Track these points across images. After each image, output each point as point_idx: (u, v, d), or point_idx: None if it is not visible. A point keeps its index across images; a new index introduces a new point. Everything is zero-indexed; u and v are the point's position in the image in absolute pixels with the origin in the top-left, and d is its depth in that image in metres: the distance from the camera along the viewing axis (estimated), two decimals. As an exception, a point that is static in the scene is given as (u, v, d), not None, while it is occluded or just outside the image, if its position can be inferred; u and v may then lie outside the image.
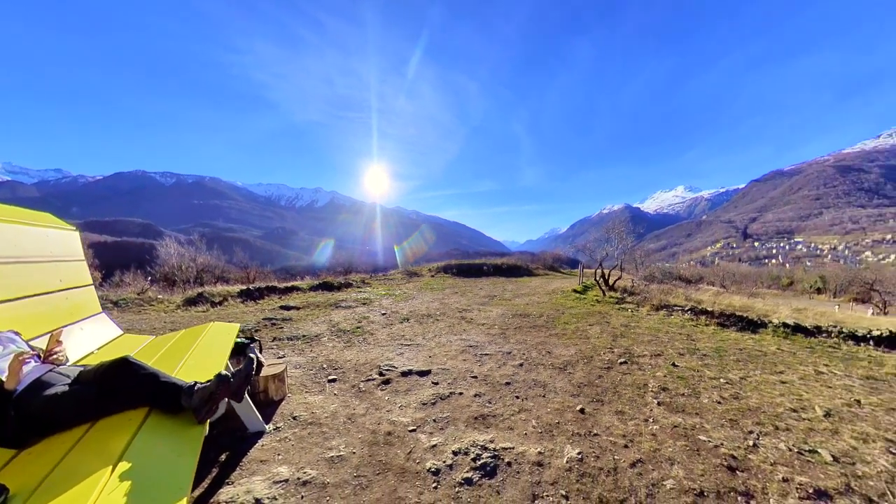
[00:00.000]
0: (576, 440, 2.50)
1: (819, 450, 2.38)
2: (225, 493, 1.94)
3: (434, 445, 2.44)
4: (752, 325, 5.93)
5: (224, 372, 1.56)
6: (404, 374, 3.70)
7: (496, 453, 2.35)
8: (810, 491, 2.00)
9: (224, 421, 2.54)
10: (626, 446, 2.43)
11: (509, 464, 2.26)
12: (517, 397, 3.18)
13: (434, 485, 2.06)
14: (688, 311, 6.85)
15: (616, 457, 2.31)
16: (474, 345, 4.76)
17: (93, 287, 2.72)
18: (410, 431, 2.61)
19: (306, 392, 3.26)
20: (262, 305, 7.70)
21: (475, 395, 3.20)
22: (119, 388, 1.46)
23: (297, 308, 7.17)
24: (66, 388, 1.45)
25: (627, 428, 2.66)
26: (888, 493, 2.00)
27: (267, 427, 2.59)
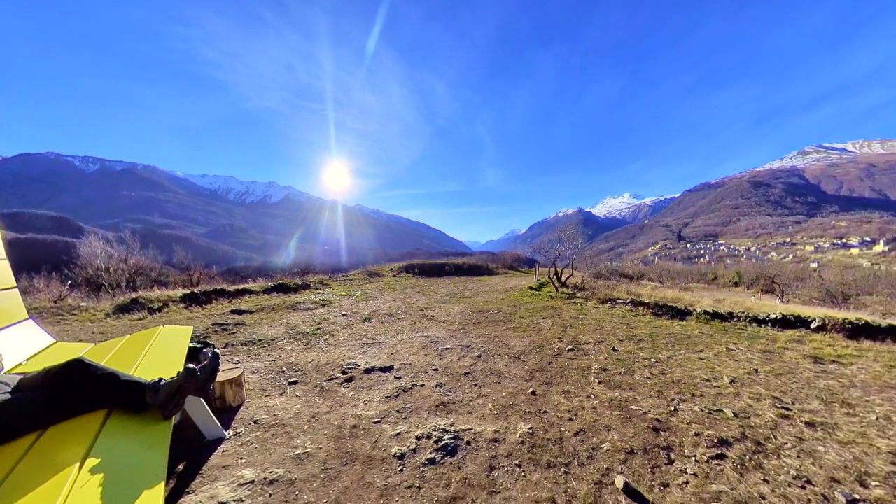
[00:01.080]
0: (527, 418, 2.76)
1: (724, 409, 2.86)
2: (186, 502, 1.90)
3: (398, 433, 2.56)
4: (680, 314, 6.71)
5: (191, 365, 1.56)
6: (367, 371, 3.75)
7: (456, 434, 2.52)
8: (715, 441, 2.43)
9: (179, 431, 2.44)
10: (570, 419, 2.73)
11: (468, 443, 2.44)
12: (475, 385, 3.39)
13: (400, 468, 2.18)
14: (629, 303, 7.58)
15: (562, 429, 2.60)
16: (435, 340, 4.92)
17: (17, 290, 2.47)
18: (375, 423, 2.70)
19: (266, 396, 3.19)
20: (210, 310, 7.22)
21: (436, 386, 3.36)
22: (75, 391, 1.39)
23: (251, 312, 6.83)
24: (8, 395, 1.36)
25: (572, 404, 2.97)
26: (771, 436, 2.49)
27: (226, 433, 2.52)
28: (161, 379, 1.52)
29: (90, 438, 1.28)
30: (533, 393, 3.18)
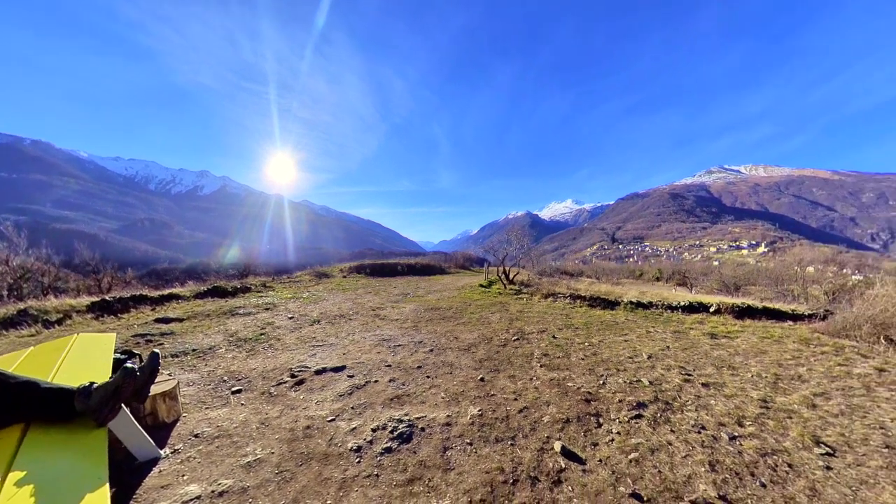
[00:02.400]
0: (477, 402, 2.95)
1: (642, 379, 3.34)
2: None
3: (354, 428, 2.58)
4: (611, 304, 7.51)
5: (130, 364, 1.44)
6: (318, 372, 3.67)
7: (411, 423, 2.62)
8: (634, 404, 2.85)
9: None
10: (515, 399, 2.98)
11: (423, 429, 2.55)
12: (428, 377, 3.51)
13: (357, 460, 2.22)
14: (568, 297, 8.27)
15: (508, 408, 2.83)
16: (388, 338, 4.94)
17: None
18: (329, 421, 2.68)
19: (206, 408, 2.97)
20: (129, 320, 6.38)
21: (390, 381, 3.41)
22: None
23: (180, 320, 6.20)
24: None
25: (517, 386, 3.24)
26: (677, 396, 2.97)
27: (162, 452, 2.30)
28: (92, 383, 1.39)
29: (6, 457, 1.12)
30: (482, 380, 3.39)
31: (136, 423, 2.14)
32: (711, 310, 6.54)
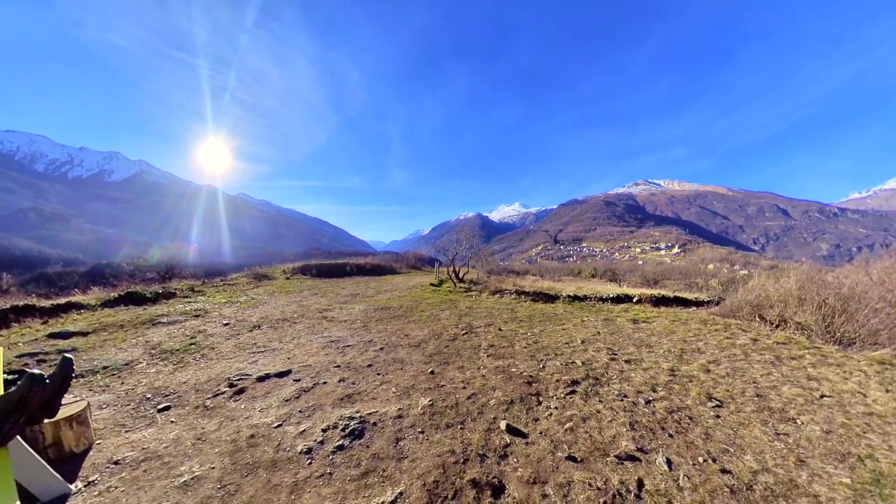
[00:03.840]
0: (427, 393, 3.05)
1: (576, 361, 3.71)
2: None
3: (303, 431, 2.51)
4: (552, 299, 8.11)
5: (36, 371, 1.24)
6: (260, 379, 3.48)
7: (363, 419, 2.62)
8: (569, 382, 3.17)
9: None
10: (464, 388, 3.14)
11: (375, 423, 2.57)
12: (378, 374, 3.52)
13: (308, 461, 2.18)
14: (514, 293, 8.75)
15: (457, 396, 2.97)
16: (336, 340, 4.82)
17: None
18: (276, 427, 2.58)
19: (127, 431, 2.63)
20: (10, 337, 5.33)
21: (339, 381, 3.36)
22: None
23: (84, 333, 5.35)
24: None
25: (465, 376, 3.40)
26: (605, 373, 3.37)
27: (72, 486, 1.99)
28: None
29: None
30: (432, 373, 3.50)
31: (34, 453, 1.82)
32: (634, 300, 7.40)
